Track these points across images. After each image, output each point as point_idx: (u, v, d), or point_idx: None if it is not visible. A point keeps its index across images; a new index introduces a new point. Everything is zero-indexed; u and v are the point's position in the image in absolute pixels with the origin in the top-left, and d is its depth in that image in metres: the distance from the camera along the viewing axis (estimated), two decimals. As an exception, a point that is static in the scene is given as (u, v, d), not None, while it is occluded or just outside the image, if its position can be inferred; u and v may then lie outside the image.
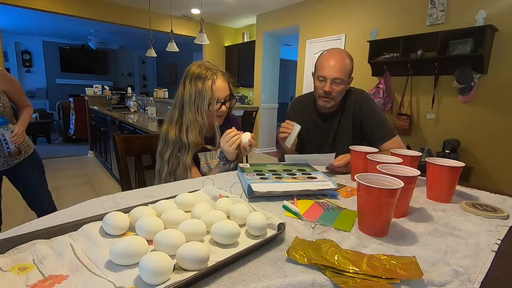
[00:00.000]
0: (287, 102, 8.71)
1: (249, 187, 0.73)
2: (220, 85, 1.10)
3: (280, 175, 0.84)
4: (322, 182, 0.79)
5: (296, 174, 0.86)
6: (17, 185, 1.79)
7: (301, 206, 0.71)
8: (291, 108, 1.44)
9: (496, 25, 2.53)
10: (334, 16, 4.02)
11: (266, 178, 0.80)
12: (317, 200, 0.76)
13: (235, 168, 1.08)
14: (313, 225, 0.61)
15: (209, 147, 1.17)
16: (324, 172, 0.93)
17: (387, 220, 0.59)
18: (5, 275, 0.40)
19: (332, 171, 1.08)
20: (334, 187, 0.77)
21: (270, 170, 0.89)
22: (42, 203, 1.80)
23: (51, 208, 1.82)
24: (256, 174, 0.84)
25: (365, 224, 0.60)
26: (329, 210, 0.70)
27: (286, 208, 0.69)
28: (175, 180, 1.12)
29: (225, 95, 1.12)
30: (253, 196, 0.73)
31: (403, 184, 0.58)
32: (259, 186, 0.74)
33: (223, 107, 1.12)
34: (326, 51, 1.26)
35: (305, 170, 0.91)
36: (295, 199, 0.74)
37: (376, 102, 1.33)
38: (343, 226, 0.61)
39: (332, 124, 1.33)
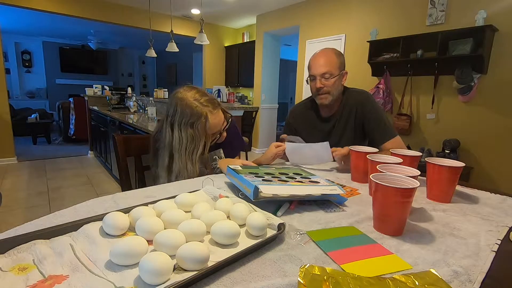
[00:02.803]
0: (287, 102, 8.71)
1: (256, 189, 0.66)
2: (215, 121, 1.02)
3: (280, 178, 0.80)
4: (329, 187, 0.76)
5: (295, 178, 0.82)
6: None
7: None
8: (291, 115, 1.45)
9: (496, 25, 2.53)
10: (334, 16, 4.02)
11: (269, 181, 0.75)
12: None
13: None
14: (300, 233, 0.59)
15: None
16: (320, 173, 0.93)
17: (404, 219, 0.60)
18: (5, 275, 0.40)
19: (331, 161, 1.10)
20: (341, 192, 0.74)
21: (266, 173, 0.83)
22: None
23: None
24: (255, 176, 0.77)
25: (383, 223, 0.60)
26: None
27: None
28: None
29: (221, 126, 1.07)
30: (258, 200, 0.67)
31: (419, 184, 0.60)
32: (265, 189, 0.68)
33: (224, 134, 1.13)
34: (313, 54, 1.31)
35: (302, 174, 0.88)
36: (293, 205, 0.72)
37: (377, 102, 1.35)
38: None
39: (334, 126, 1.33)
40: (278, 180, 0.77)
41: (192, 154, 0.99)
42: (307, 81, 1.32)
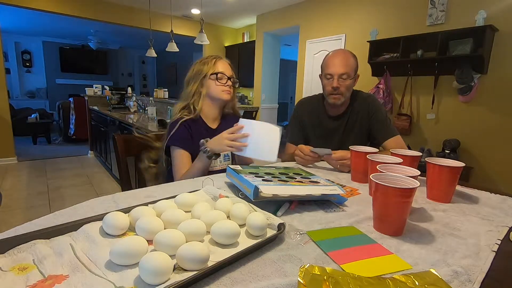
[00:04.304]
0: (287, 102, 8.71)
1: (256, 189, 0.66)
2: (223, 63, 1.18)
3: (280, 177, 0.80)
4: (329, 187, 0.76)
5: (296, 178, 0.82)
6: None
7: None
8: (300, 105, 1.46)
9: (496, 25, 2.53)
10: (334, 16, 4.02)
11: (269, 181, 0.74)
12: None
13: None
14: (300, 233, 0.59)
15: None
16: (320, 173, 0.92)
17: (404, 219, 0.60)
18: (5, 275, 0.40)
19: (326, 161, 1.12)
20: (342, 192, 0.74)
21: (266, 173, 0.83)
22: None
23: None
24: (255, 176, 0.77)
25: (383, 223, 0.60)
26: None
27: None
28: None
29: (230, 73, 1.18)
30: (258, 200, 0.67)
31: (419, 184, 0.60)
32: (265, 189, 0.68)
33: (229, 82, 1.17)
34: (330, 52, 1.31)
35: (302, 174, 0.88)
36: (293, 205, 0.72)
37: (382, 104, 1.38)
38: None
39: (340, 125, 1.36)
40: (278, 180, 0.77)
41: (200, 79, 1.15)
42: (320, 76, 1.33)
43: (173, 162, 1.11)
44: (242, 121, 0.97)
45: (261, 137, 0.94)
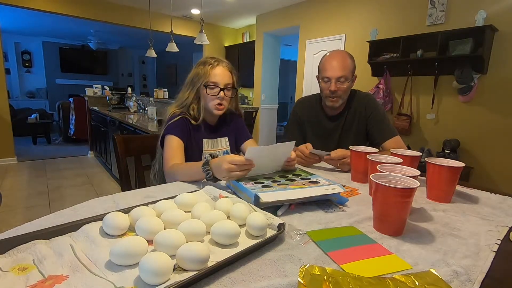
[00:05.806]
0: (287, 102, 8.71)
1: (256, 197, 0.67)
2: (220, 71, 1.12)
3: (280, 181, 0.79)
4: (329, 186, 0.75)
5: (295, 180, 0.81)
6: None
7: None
8: (299, 105, 1.46)
9: (496, 25, 2.53)
10: (334, 16, 4.02)
11: (269, 186, 0.74)
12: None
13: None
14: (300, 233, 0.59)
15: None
16: (320, 174, 0.92)
17: (404, 219, 0.60)
18: (5, 275, 0.40)
19: (326, 162, 1.11)
20: (342, 190, 0.74)
21: (265, 178, 0.82)
22: None
23: None
24: (254, 183, 0.76)
25: (383, 223, 0.60)
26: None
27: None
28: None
29: (225, 82, 1.12)
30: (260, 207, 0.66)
31: (419, 184, 0.60)
32: (265, 196, 0.67)
33: (222, 93, 1.11)
34: (327, 53, 1.30)
35: (302, 175, 0.87)
36: (293, 205, 0.72)
37: (380, 104, 1.36)
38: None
39: (338, 125, 1.35)
40: (278, 184, 0.76)
41: (194, 87, 1.14)
42: (317, 77, 1.32)
43: (165, 149, 1.05)
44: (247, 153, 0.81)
45: (267, 159, 0.87)
